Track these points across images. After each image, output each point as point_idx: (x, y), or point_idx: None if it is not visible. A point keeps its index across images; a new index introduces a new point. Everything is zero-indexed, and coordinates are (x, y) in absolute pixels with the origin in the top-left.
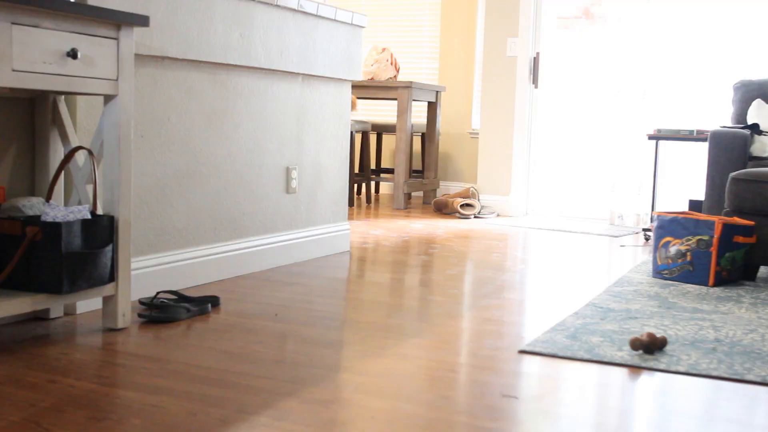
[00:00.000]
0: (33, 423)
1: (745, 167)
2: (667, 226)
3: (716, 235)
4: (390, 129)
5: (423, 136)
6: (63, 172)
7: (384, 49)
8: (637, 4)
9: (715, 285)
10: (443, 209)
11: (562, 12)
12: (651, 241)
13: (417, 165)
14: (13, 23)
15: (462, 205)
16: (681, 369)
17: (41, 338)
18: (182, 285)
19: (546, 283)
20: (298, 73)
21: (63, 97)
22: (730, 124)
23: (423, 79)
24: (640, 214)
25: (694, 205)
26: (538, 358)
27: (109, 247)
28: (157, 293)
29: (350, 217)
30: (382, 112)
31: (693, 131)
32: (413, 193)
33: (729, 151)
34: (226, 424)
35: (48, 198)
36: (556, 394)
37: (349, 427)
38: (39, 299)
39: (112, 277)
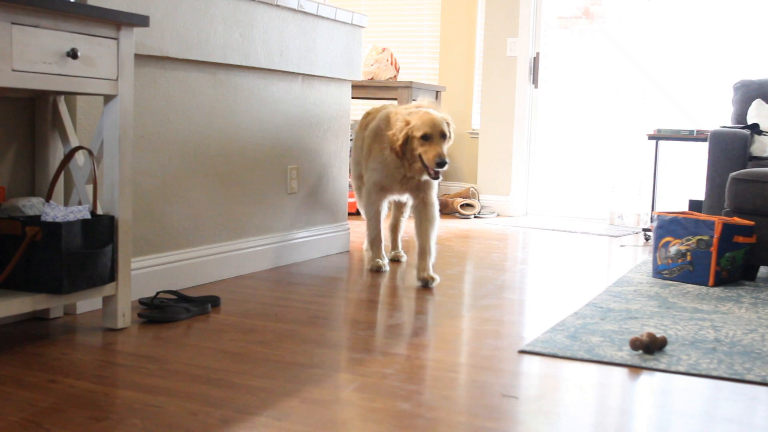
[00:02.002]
0: (33, 423)
1: (745, 167)
2: (667, 226)
3: (716, 235)
4: None
5: None
6: (63, 172)
7: (384, 49)
8: (637, 4)
9: (715, 285)
10: (443, 209)
11: (562, 12)
12: (651, 241)
13: None
14: (13, 23)
15: (462, 205)
16: (681, 369)
17: (41, 338)
18: (182, 285)
19: (546, 283)
20: (298, 73)
21: (63, 97)
22: (730, 124)
23: (423, 79)
24: (640, 214)
25: (694, 205)
26: (538, 358)
27: (109, 247)
28: (157, 293)
29: (350, 217)
30: None
31: (693, 131)
32: None
33: (729, 151)
34: (226, 424)
35: (48, 198)
36: (556, 394)
37: (349, 427)
38: (39, 299)
39: (112, 277)
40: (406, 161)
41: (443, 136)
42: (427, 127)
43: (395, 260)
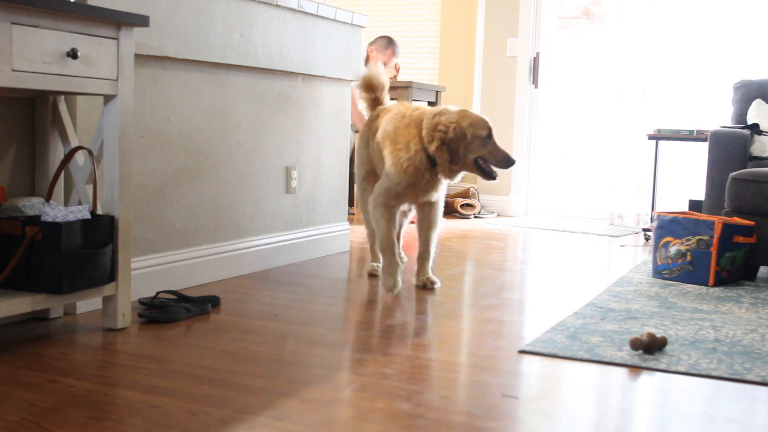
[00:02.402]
0: (33, 423)
1: (745, 167)
2: (667, 226)
3: (716, 235)
4: None
5: None
6: (63, 172)
7: None
8: (637, 4)
9: (715, 285)
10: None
11: (562, 12)
12: (651, 241)
13: None
14: (13, 23)
15: (462, 205)
16: (681, 369)
17: (41, 338)
18: (182, 285)
19: (546, 283)
20: (298, 73)
21: (63, 97)
22: (730, 124)
23: (423, 79)
24: (640, 214)
25: (694, 205)
26: (538, 358)
27: (109, 247)
28: (157, 293)
29: (350, 217)
30: None
31: (693, 131)
32: None
33: (729, 151)
34: (226, 424)
35: (48, 198)
36: (556, 394)
37: (349, 427)
38: (39, 299)
39: (112, 277)
40: (444, 164)
41: None
42: (488, 124)
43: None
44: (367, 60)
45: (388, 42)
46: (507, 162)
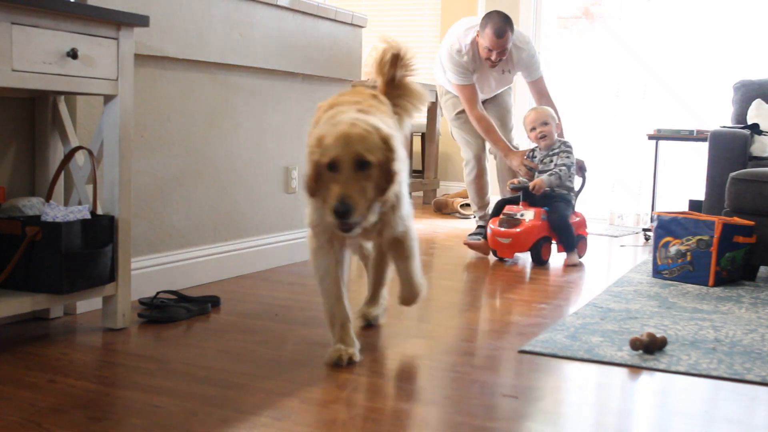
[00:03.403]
0: (33, 423)
1: (745, 167)
2: (667, 226)
3: (716, 235)
4: None
5: (423, 136)
6: (63, 172)
7: None
8: (637, 4)
9: (715, 285)
10: (443, 209)
11: (562, 12)
12: (651, 241)
13: (417, 165)
14: (13, 23)
15: (462, 205)
16: (681, 369)
17: (41, 338)
18: (182, 285)
19: (546, 282)
20: (298, 73)
21: (63, 97)
22: (730, 124)
23: (422, 79)
24: (640, 214)
25: (694, 205)
26: (538, 358)
27: (109, 247)
28: (157, 293)
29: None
30: None
31: (693, 131)
32: (413, 193)
33: (729, 151)
34: (226, 424)
35: (48, 198)
36: (556, 394)
37: (349, 427)
38: (39, 299)
39: (112, 277)
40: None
41: (362, 165)
42: (338, 147)
43: (367, 322)
44: (478, 47)
45: (485, 21)
46: (333, 208)
